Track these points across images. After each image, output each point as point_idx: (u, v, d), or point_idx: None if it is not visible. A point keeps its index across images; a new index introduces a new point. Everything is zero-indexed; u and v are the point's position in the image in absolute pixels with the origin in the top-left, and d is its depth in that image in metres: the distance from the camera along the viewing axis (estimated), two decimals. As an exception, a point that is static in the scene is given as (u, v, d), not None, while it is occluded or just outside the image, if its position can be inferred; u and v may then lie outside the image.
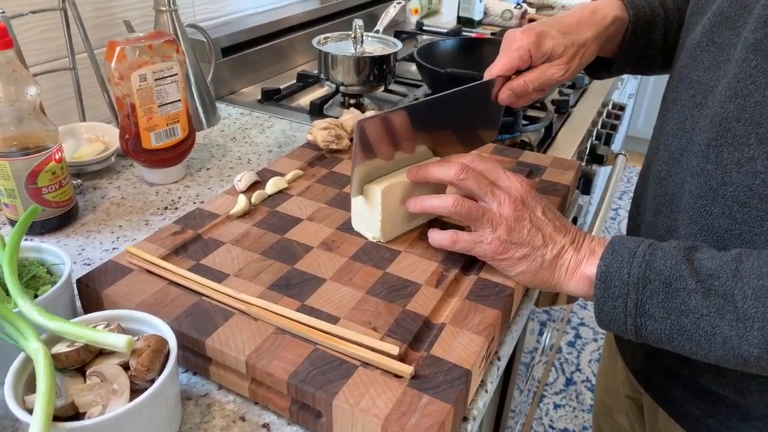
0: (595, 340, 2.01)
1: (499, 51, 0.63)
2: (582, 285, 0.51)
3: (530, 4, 1.67)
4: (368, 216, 0.58)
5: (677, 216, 0.55)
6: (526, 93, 0.62)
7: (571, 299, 0.89)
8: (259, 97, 1.10)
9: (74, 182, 0.75)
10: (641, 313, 0.46)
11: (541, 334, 1.33)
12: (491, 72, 0.61)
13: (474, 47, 1.12)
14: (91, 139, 0.84)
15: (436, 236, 0.56)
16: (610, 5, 0.67)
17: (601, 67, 0.73)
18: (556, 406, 1.76)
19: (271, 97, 1.10)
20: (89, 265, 0.63)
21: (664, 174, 0.57)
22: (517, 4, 1.69)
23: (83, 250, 0.65)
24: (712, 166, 0.50)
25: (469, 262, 0.57)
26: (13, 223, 0.67)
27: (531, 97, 0.64)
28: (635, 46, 0.69)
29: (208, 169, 0.84)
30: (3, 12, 0.72)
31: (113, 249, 0.66)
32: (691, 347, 0.45)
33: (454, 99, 0.58)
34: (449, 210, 0.53)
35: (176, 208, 0.74)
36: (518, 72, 0.62)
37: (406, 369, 0.43)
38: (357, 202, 0.59)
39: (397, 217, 0.59)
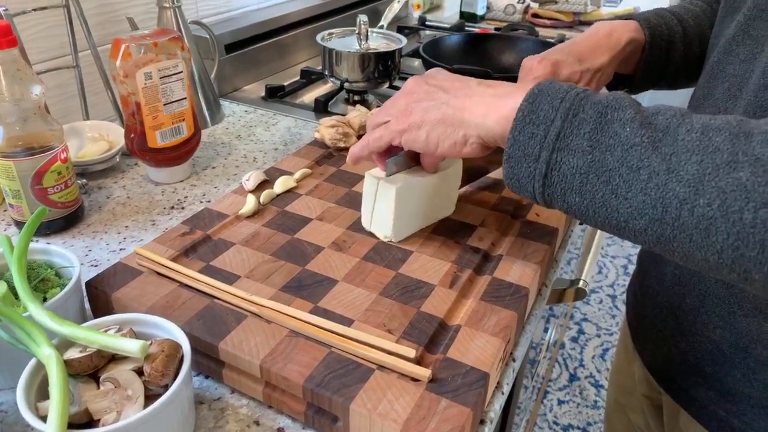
0: (599, 336, 2.01)
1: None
2: (502, 116, 0.44)
3: (533, -1, 1.66)
4: (380, 215, 0.58)
5: None
6: None
7: (578, 296, 0.88)
8: (263, 94, 1.09)
9: (79, 182, 0.74)
10: (561, 146, 0.40)
11: (545, 330, 1.33)
12: None
13: (479, 43, 1.11)
14: (95, 138, 0.83)
15: (352, 153, 0.55)
16: (626, 27, 0.67)
17: (623, 84, 0.73)
18: (560, 402, 1.76)
19: (275, 94, 1.09)
20: (96, 266, 0.62)
21: None
22: (520, -2, 1.68)
23: (90, 251, 0.65)
24: None
25: (482, 263, 0.56)
26: (18, 223, 0.66)
27: None
28: (654, 65, 0.69)
29: (213, 167, 0.83)
30: (6, 9, 0.71)
31: (120, 250, 0.65)
32: (604, 194, 0.38)
33: None
34: (371, 125, 0.53)
35: (183, 208, 0.73)
36: None
37: (424, 372, 0.43)
38: (368, 201, 0.58)
39: (410, 216, 0.58)
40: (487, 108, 0.45)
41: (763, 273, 0.33)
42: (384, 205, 0.57)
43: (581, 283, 0.76)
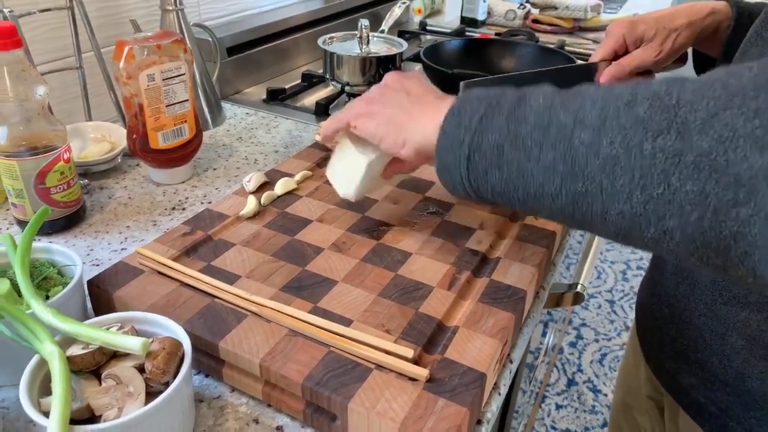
0: (597, 341, 2.01)
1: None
2: (438, 124, 0.45)
3: (533, 5, 1.67)
4: (346, 176, 0.59)
5: None
6: (623, 74, 0.69)
7: (576, 301, 0.89)
8: (264, 96, 1.10)
9: (81, 182, 0.74)
10: (482, 128, 0.41)
11: (543, 335, 1.33)
12: (594, 58, 0.70)
13: (480, 48, 1.12)
14: (98, 138, 0.84)
15: (323, 129, 0.58)
16: (712, 2, 0.71)
17: (710, 64, 0.76)
18: (558, 407, 1.76)
19: (276, 97, 1.10)
20: (98, 265, 0.63)
21: None
22: (521, 4, 1.69)
23: (92, 250, 0.65)
24: None
25: (481, 265, 0.57)
26: (21, 223, 0.67)
27: (632, 77, 0.70)
28: (736, 47, 0.70)
29: (214, 169, 0.83)
30: (11, 11, 0.71)
31: (122, 249, 0.65)
32: (519, 160, 0.39)
33: (558, 75, 0.63)
34: (334, 128, 0.57)
35: (184, 209, 0.74)
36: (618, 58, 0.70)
37: (422, 372, 0.43)
38: (340, 162, 0.60)
39: (372, 181, 0.60)
40: (430, 115, 0.47)
41: (678, 219, 0.32)
42: (351, 171, 0.58)
43: (579, 287, 0.77)
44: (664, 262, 0.64)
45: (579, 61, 1.06)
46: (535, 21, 1.65)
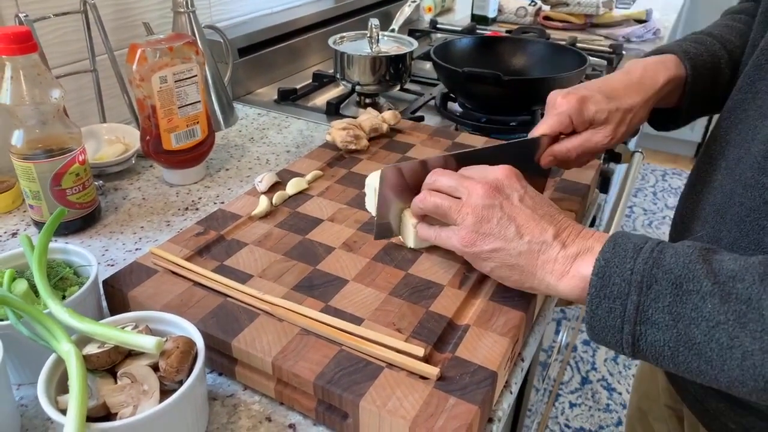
0: (611, 339, 2.00)
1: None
2: (575, 286, 0.44)
3: (545, 1, 1.66)
4: (404, 231, 0.59)
5: (727, 228, 0.51)
6: (568, 159, 0.60)
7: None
8: (276, 97, 1.11)
9: (96, 183, 0.75)
10: (642, 319, 0.40)
11: (557, 332, 1.33)
12: (534, 132, 0.60)
13: (490, 46, 1.11)
14: (112, 140, 0.85)
15: (422, 231, 0.54)
16: (663, 65, 0.62)
17: (668, 119, 0.69)
18: (572, 405, 1.75)
19: (288, 97, 1.10)
20: (113, 266, 0.64)
21: (716, 184, 0.55)
22: (532, 1, 1.68)
23: (106, 251, 0.66)
24: (767, 179, 0.47)
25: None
26: (37, 224, 0.68)
27: (580, 161, 0.62)
28: (700, 98, 0.65)
29: (227, 169, 0.84)
30: (26, 15, 0.72)
31: (136, 250, 0.66)
32: (699, 365, 0.38)
33: (499, 152, 0.57)
34: (417, 207, 0.53)
35: (197, 209, 0.75)
36: (566, 134, 0.60)
37: (432, 370, 0.43)
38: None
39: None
40: (558, 273, 0.45)
41: None
42: (403, 226, 0.58)
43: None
44: None
45: (591, 59, 1.05)
46: (546, 18, 1.64)
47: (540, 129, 0.60)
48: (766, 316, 0.36)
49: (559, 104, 0.59)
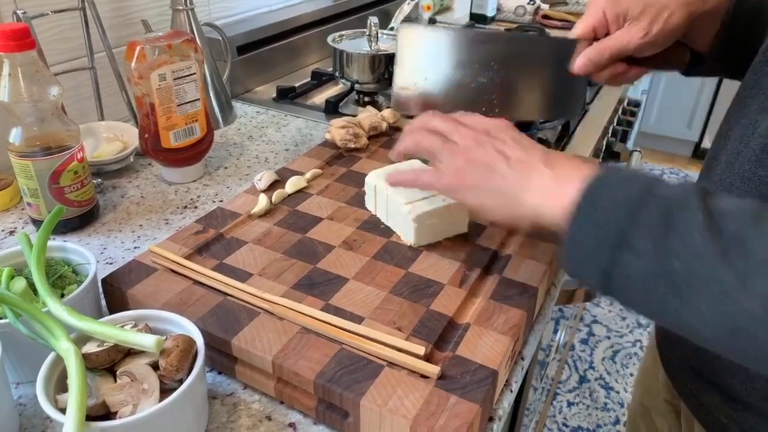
0: (609, 338, 2.00)
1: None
2: (561, 206, 0.41)
3: (543, 0, 1.66)
4: (402, 226, 0.59)
5: None
6: (602, 60, 0.57)
7: (588, 297, 0.88)
8: (274, 95, 1.11)
9: (94, 181, 0.75)
10: (624, 242, 0.37)
11: (555, 332, 1.33)
12: (571, 34, 0.58)
13: (489, 44, 1.11)
14: (110, 138, 0.85)
15: (396, 176, 0.53)
16: None
17: (696, 60, 0.64)
18: (570, 404, 1.75)
19: (286, 96, 1.10)
20: (111, 264, 0.63)
21: (717, 178, 0.55)
22: (530, 0, 1.68)
23: (105, 249, 0.66)
24: (764, 172, 0.47)
25: (491, 262, 0.57)
26: (35, 222, 0.68)
27: (617, 71, 0.59)
28: (733, 41, 0.60)
29: (226, 167, 0.84)
30: (24, 12, 0.72)
31: (135, 248, 0.66)
32: (671, 300, 0.36)
33: (533, 46, 0.54)
34: (412, 146, 0.51)
35: (196, 207, 0.74)
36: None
37: (433, 369, 0.43)
38: (393, 210, 0.60)
39: (427, 230, 0.59)
40: (546, 195, 0.43)
41: None
42: (404, 222, 0.58)
43: (591, 283, 0.76)
44: None
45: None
46: (545, 17, 1.64)
47: (577, 29, 0.57)
48: (751, 253, 0.34)
49: (595, 1, 0.57)
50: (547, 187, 0.43)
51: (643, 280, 0.37)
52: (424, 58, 0.52)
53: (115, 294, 0.53)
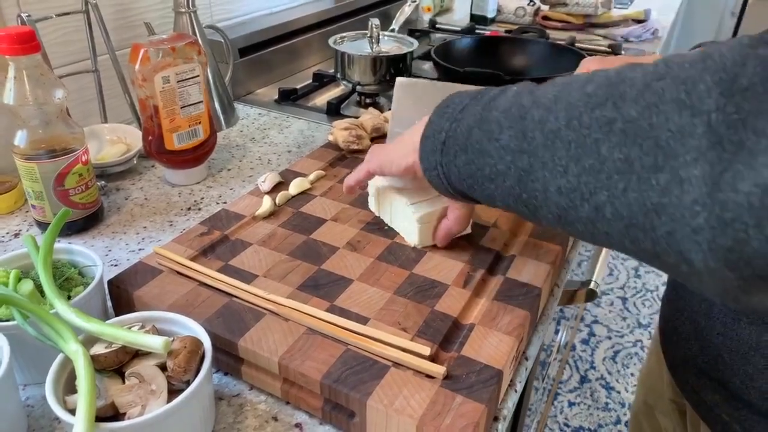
0: (609, 338, 2.00)
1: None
2: (423, 134, 0.49)
3: (543, 1, 1.67)
4: (405, 228, 0.60)
5: None
6: None
7: (589, 298, 0.88)
8: (276, 97, 1.11)
9: (98, 183, 0.75)
10: (461, 116, 0.44)
11: (556, 332, 1.33)
12: None
13: (490, 45, 1.12)
14: (114, 140, 0.85)
15: (347, 181, 0.62)
16: None
17: None
18: (571, 404, 1.76)
19: (288, 97, 1.10)
20: (116, 266, 0.64)
21: None
22: (531, 1, 1.68)
23: (110, 251, 0.66)
24: None
25: (495, 263, 0.57)
26: (40, 224, 0.68)
27: None
28: None
29: (229, 169, 0.84)
30: (29, 15, 0.72)
31: (139, 250, 0.66)
32: (480, 139, 0.41)
33: None
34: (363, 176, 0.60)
35: (199, 209, 0.75)
36: None
37: (439, 369, 0.43)
38: (397, 213, 0.61)
39: (432, 232, 0.59)
40: (419, 128, 0.50)
41: (606, 191, 0.33)
42: (408, 223, 0.59)
43: (592, 284, 0.77)
44: None
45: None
46: (545, 18, 1.65)
47: None
48: (550, 84, 0.39)
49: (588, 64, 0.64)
50: (421, 126, 0.50)
51: (466, 133, 0.43)
52: (418, 111, 0.62)
53: (121, 296, 0.53)
